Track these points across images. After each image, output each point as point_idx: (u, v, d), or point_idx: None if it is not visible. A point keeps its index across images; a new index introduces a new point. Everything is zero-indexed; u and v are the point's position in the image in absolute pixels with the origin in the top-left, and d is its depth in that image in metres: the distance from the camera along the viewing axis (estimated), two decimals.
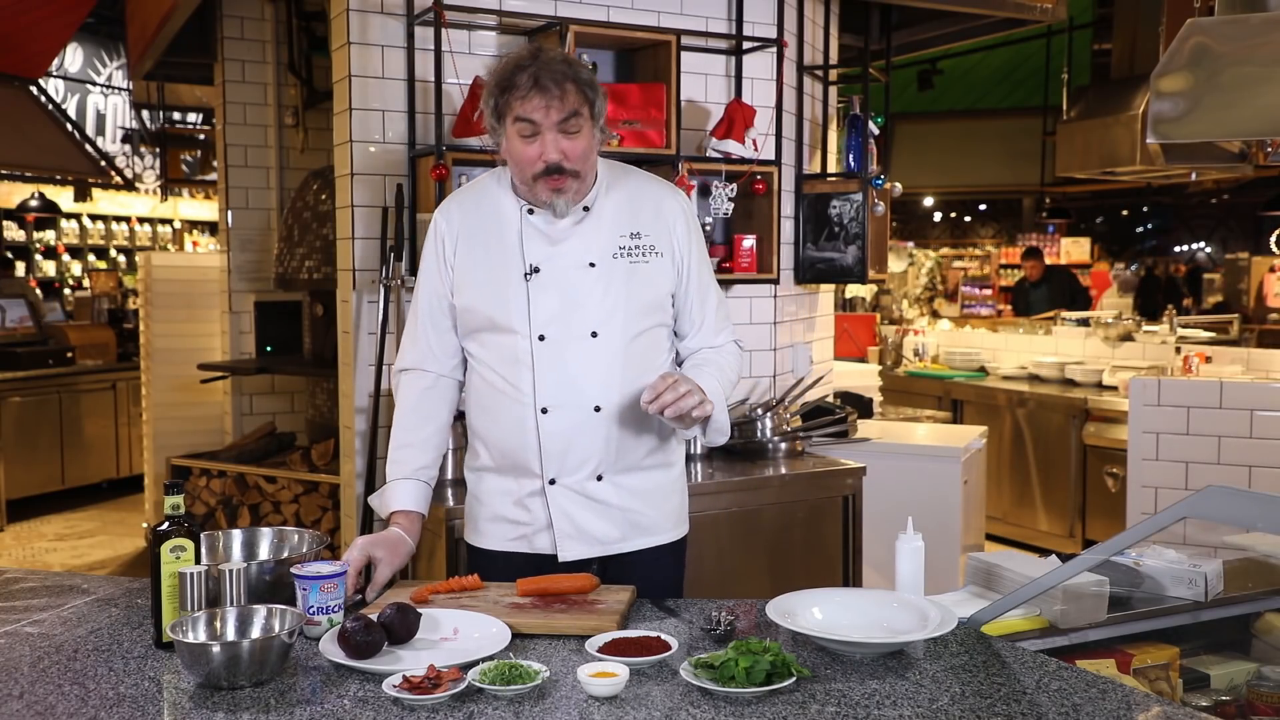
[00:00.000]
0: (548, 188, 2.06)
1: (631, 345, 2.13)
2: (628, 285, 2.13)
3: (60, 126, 9.43)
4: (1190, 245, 17.05)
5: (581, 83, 2.03)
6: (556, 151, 2.02)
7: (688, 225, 2.23)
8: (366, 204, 3.41)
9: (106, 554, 6.31)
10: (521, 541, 2.20)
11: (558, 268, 2.12)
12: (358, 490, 3.46)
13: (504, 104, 2.03)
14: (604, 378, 2.11)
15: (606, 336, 2.11)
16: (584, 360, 2.11)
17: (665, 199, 2.22)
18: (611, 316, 2.12)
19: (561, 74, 2.00)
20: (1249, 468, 4.14)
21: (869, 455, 3.75)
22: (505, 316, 2.12)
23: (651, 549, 2.21)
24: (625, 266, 2.13)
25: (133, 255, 11.10)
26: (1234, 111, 3.86)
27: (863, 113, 4.13)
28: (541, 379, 2.11)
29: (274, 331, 5.41)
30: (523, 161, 2.06)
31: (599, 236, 2.14)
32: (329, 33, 3.63)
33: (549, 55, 2.03)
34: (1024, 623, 1.99)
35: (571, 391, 2.11)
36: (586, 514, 2.15)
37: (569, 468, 2.14)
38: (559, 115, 2.00)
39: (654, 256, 2.16)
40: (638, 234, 2.16)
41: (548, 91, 1.98)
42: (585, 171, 2.09)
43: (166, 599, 1.77)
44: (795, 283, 4.14)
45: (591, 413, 2.11)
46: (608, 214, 2.15)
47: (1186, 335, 6.67)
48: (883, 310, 9.27)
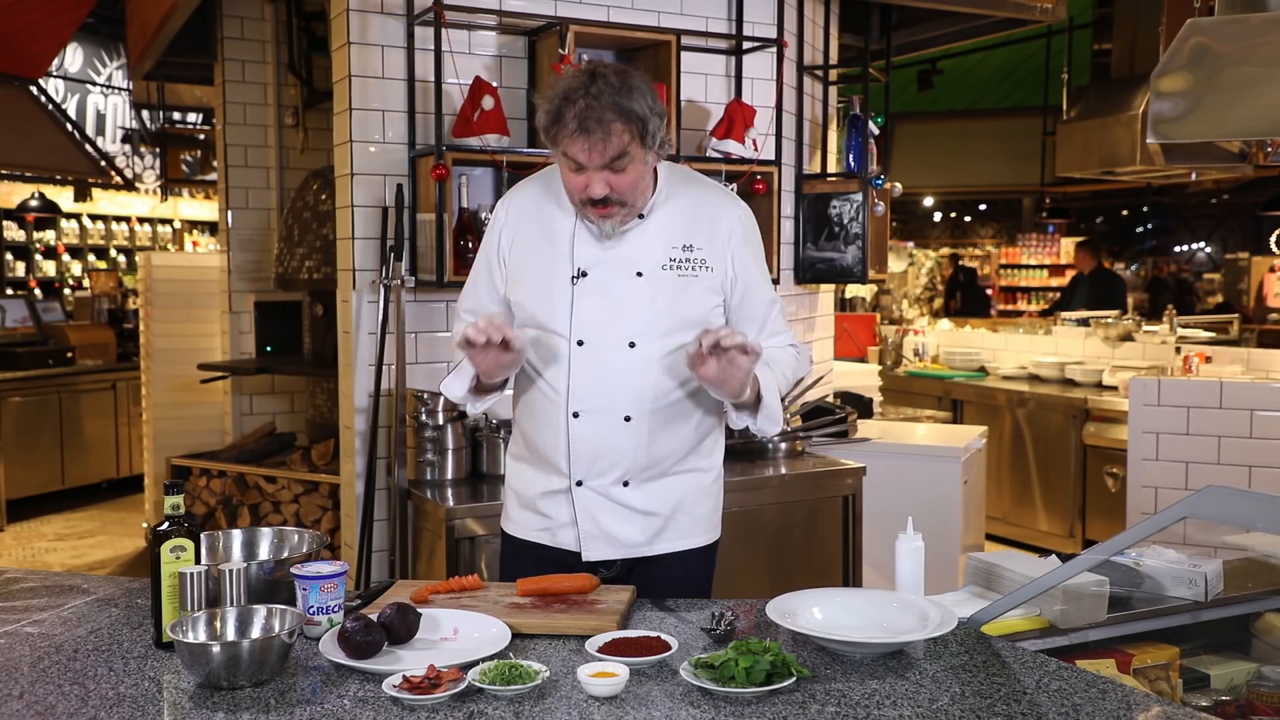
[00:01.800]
0: (594, 213, 2.06)
1: (668, 358, 2.12)
2: (672, 298, 2.11)
3: (60, 126, 9.43)
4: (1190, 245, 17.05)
5: (632, 118, 1.96)
6: (603, 187, 2.00)
7: (744, 237, 2.19)
8: (366, 204, 3.41)
9: (106, 554, 6.31)
10: (546, 534, 2.21)
11: (605, 274, 2.11)
12: (358, 490, 3.46)
13: (551, 136, 2.00)
14: (637, 388, 2.11)
15: (644, 347, 2.10)
16: (619, 369, 2.10)
17: (723, 211, 2.19)
18: (652, 328, 2.10)
19: (610, 111, 1.94)
20: (1249, 468, 4.14)
21: (869, 455, 3.76)
22: (549, 318, 2.13)
23: (679, 553, 2.20)
24: (673, 279, 2.11)
25: (133, 255, 11.09)
26: (1234, 111, 3.87)
27: (863, 113, 4.13)
28: (576, 383, 2.11)
29: (274, 331, 5.40)
30: (570, 189, 2.06)
31: (651, 246, 2.12)
32: (329, 33, 3.63)
33: (600, 86, 1.95)
34: (1024, 623, 1.99)
35: (603, 399, 2.11)
36: (611, 517, 2.15)
37: (596, 471, 2.14)
38: (602, 159, 1.97)
39: (704, 271, 2.14)
40: (690, 246, 2.13)
41: (591, 134, 1.94)
42: (634, 199, 2.07)
43: (166, 599, 1.77)
44: (795, 283, 4.14)
45: (622, 421, 2.11)
46: (663, 223, 2.13)
47: (1186, 335, 6.67)
48: (883, 310, 9.27)
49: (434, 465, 3.28)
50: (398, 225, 3.37)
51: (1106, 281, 8.86)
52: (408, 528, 3.31)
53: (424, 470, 3.29)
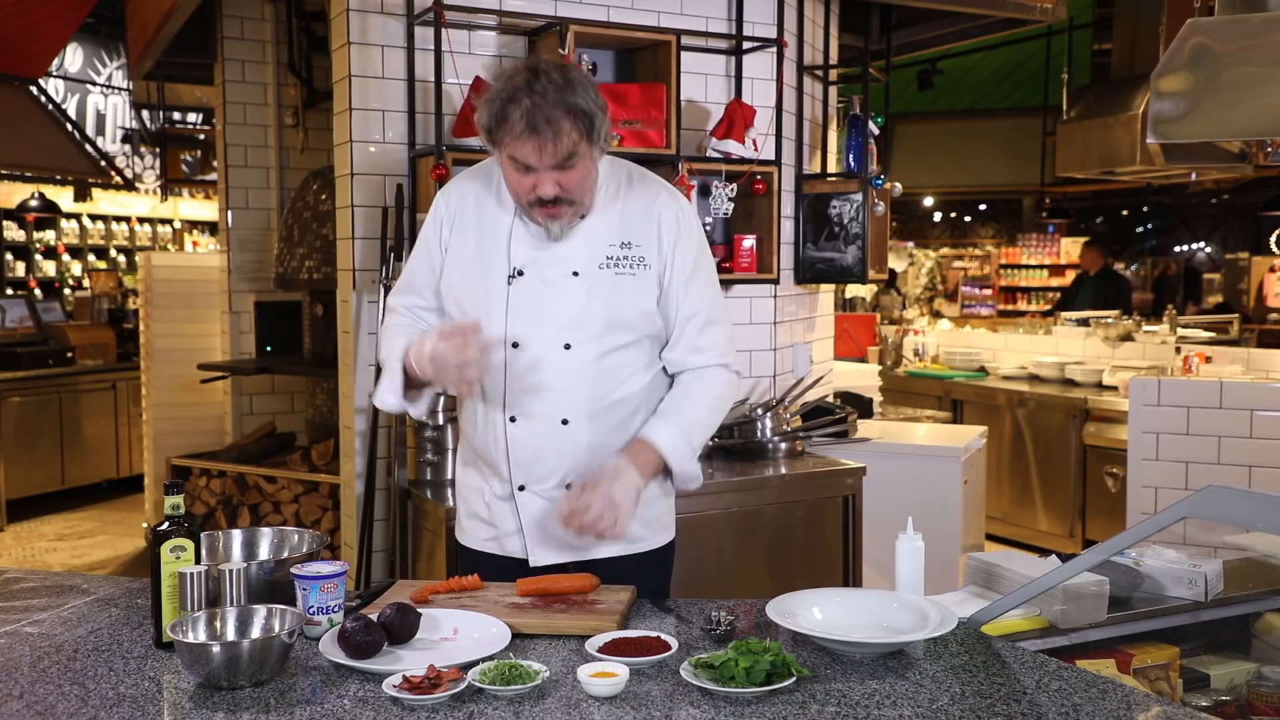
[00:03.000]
0: (543, 214, 2.01)
1: (605, 360, 2.07)
2: (609, 298, 2.06)
3: (60, 126, 9.42)
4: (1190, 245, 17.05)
5: (579, 114, 1.90)
6: (553, 187, 1.95)
7: (679, 232, 2.12)
8: (366, 204, 3.41)
9: (106, 554, 6.31)
10: (494, 543, 2.19)
11: (541, 273, 2.06)
12: (358, 490, 3.46)
13: (496, 138, 1.94)
14: (574, 391, 2.06)
15: (580, 349, 2.05)
16: (555, 371, 2.05)
17: (663, 206, 2.13)
18: (586, 329, 2.05)
19: (557, 110, 1.88)
20: (1249, 468, 4.14)
21: (869, 455, 3.75)
22: (484, 318, 2.07)
23: (631, 556, 2.16)
24: (610, 278, 2.06)
25: (133, 255, 11.09)
26: (1234, 111, 3.86)
27: (863, 113, 4.13)
28: (511, 387, 2.07)
29: (274, 331, 5.40)
30: (516, 190, 2.00)
31: (589, 244, 2.07)
32: (329, 33, 3.63)
33: (544, 83, 1.89)
34: (1024, 623, 1.99)
35: (539, 402, 2.06)
36: (554, 521, 2.09)
37: (537, 476, 2.10)
38: (554, 160, 1.92)
39: (641, 269, 2.08)
40: (629, 244, 2.08)
41: (541, 134, 1.88)
42: (583, 197, 2.03)
43: (166, 599, 1.77)
44: (795, 283, 4.14)
45: (559, 424, 2.07)
46: (602, 221, 2.09)
47: (1186, 335, 6.67)
48: (883, 310, 9.27)
49: (434, 465, 3.28)
50: (398, 225, 3.37)
51: (1112, 282, 8.79)
52: (408, 528, 3.31)
53: (424, 470, 3.29)
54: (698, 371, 2.16)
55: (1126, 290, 8.85)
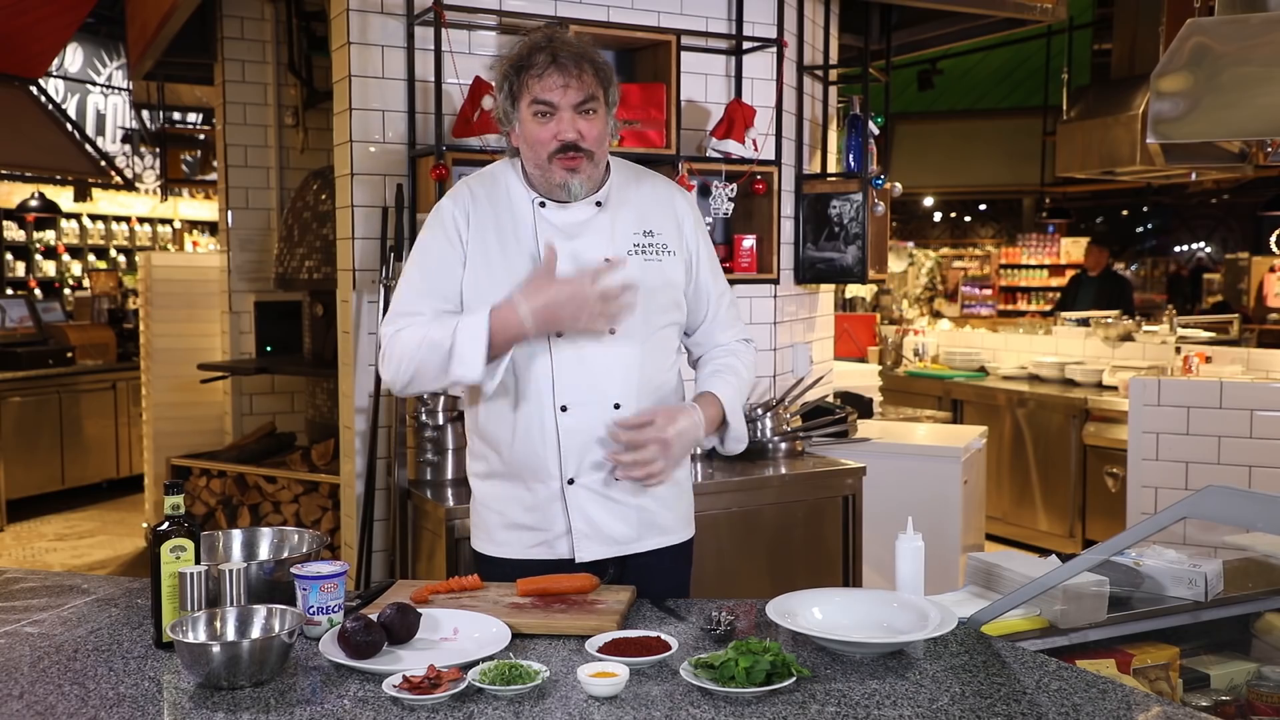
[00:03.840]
0: (562, 166, 2.03)
1: (649, 342, 2.12)
2: (644, 282, 2.09)
3: (60, 126, 9.42)
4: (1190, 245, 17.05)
5: (598, 65, 2.03)
6: (573, 130, 2.00)
7: (696, 223, 2.24)
8: (366, 204, 3.41)
9: (106, 554, 6.31)
10: (542, 548, 2.14)
11: (573, 264, 2.06)
12: (358, 490, 3.46)
13: (519, 85, 2.01)
14: (624, 374, 2.09)
15: (626, 333, 2.08)
16: (603, 357, 2.08)
17: (675, 198, 2.23)
18: (628, 312, 2.06)
19: (579, 55, 2.00)
20: (1249, 468, 4.14)
21: (869, 455, 3.76)
22: None
23: (663, 549, 2.19)
24: (640, 263, 2.12)
25: (133, 255, 11.09)
26: (1234, 111, 3.86)
27: (863, 113, 4.13)
28: (560, 376, 2.08)
29: (274, 331, 5.41)
30: (537, 142, 2.03)
31: (614, 232, 2.11)
32: (329, 33, 3.63)
33: (564, 37, 2.03)
34: (1024, 623, 1.99)
35: (591, 389, 2.08)
36: (604, 514, 2.12)
37: (587, 466, 2.10)
38: (577, 97, 1.99)
39: (667, 255, 2.16)
40: (651, 232, 2.15)
41: (566, 70, 1.98)
42: (599, 155, 2.08)
43: (166, 599, 1.77)
44: (795, 283, 4.14)
45: (611, 410, 2.08)
46: (620, 211, 2.14)
47: (1186, 335, 6.67)
48: (883, 310, 9.26)
49: (434, 465, 3.28)
50: (398, 225, 3.37)
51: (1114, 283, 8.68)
52: (408, 528, 3.31)
53: (424, 470, 3.29)
54: (731, 345, 2.28)
55: (1128, 291, 8.74)
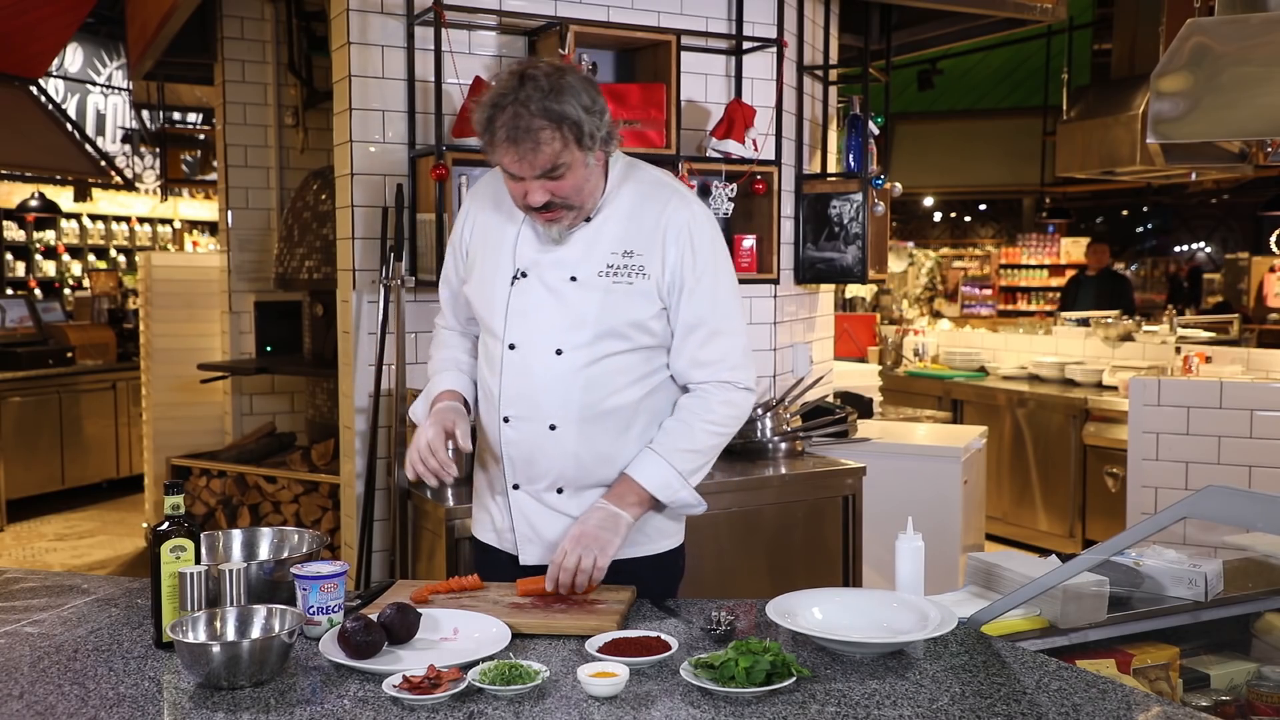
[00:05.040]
0: (539, 219, 2.02)
1: (595, 367, 2.05)
2: (603, 306, 2.03)
3: (60, 126, 9.42)
4: (1190, 245, 17.05)
5: (564, 121, 1.87)
6: (542, 195, 1.94)
7: (690, 243, 2.06)
8: (366, 204, 3.41)
9: (106, 554, 6.31)
10: (494, 536, 2.22)
11: (541, 277, 2.06)
12: (358, 490, 3.46)
13: (485, 145, 1.94)
14: (563, 396, 2.05)
15: (571, 355, 2.04)
16: (546, 376, 2.05)
17: (672, 213, 2.06)
18: (578, 335, 2.04)
19: (539, 119, 1.85)
20: (1249, 468, 4.14)
21: (869, 455, 3.75)
22: (489, 318, 2.11)
23: (628, 560, 2.12)
24: (606, 285, 2.03)
25: (133, 255, 11.09)
26: (1234, 111, 3.87)
27: (863, 113, 4.13)
28: (506, 388, 2.09)
29: (274, 331, 5.41)
30: (511, 194, 2.01)
31: (592, 250, 2.05)
32: (329, 33, 3.63)
33: (529, 91, 1.86)
34: (1024, 623, 1.99)
35: (530, 406, 2.07)
36: (547, 522, 2.11)
37: (529, 477, 2.12)
38: (534, 170, 1.90)
39: (639, 278, 2.04)
40: (630, 252, 2.05)
41: (520, 145, 1.87)
42: (581, 201, 2.00)
43: (166, 599, 1.77)
44: (795, 283, 4.14)
45: (547, 429, 2.07)
46: (607, 226, 2.06)
47: (1186, 335, 6.67)
48: (883, 310, 9.26)
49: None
50: (398, 225, 3.37)
51: (1114, 282, 8.66)
52: (408, 528, 3.31)
53: None
54: (700, 389, 2.11)
55: (1129, 290, 8.71)
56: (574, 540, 1.98)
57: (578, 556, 1.96)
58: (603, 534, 1.99)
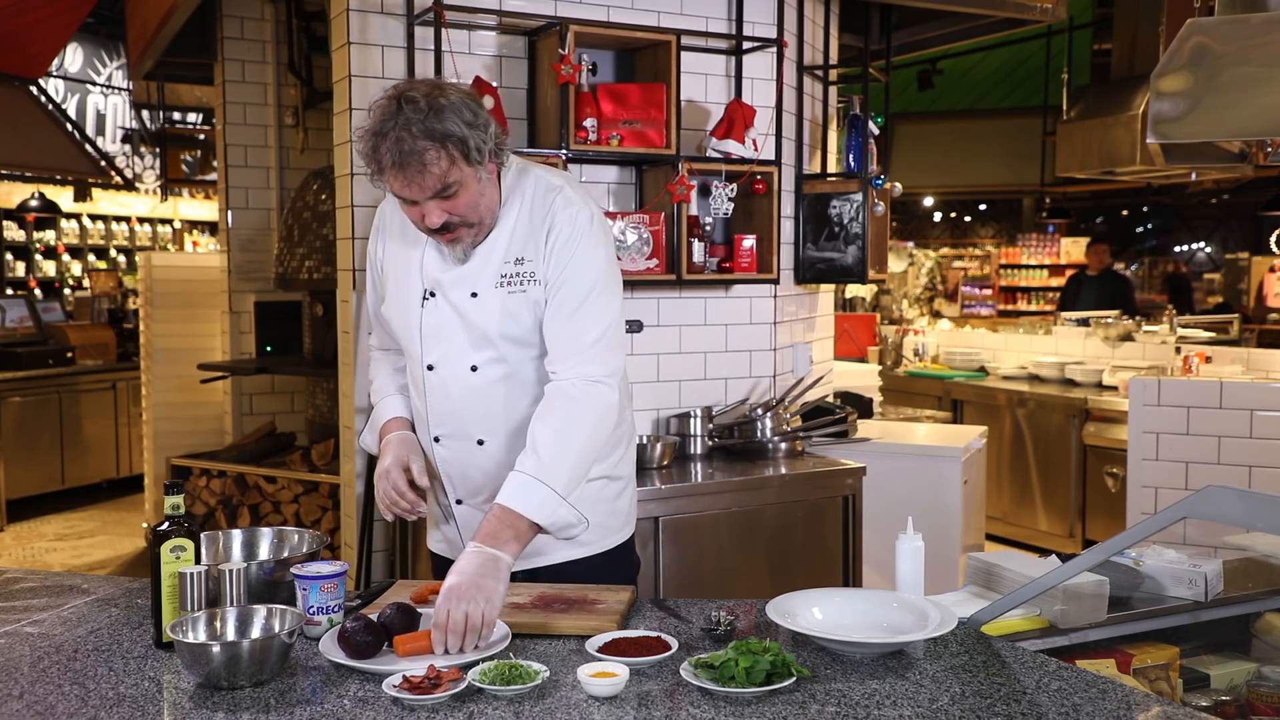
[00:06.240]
0: (442, 240, 2.00)
1: (513, 379, 2.05)
2: (503, 317, 2.02)
3: (60, 126, 9.43)
4: (1190, 245, 17.05)
5: (448, 139, 1.85)
6: (439, 215, 1.92)
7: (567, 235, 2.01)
8: (366, 204, 3.41)
9: (106, 554, 6.31)
10: (447, 548, 2.23)
11: (448, 295, 2.05)
12: (358, 490, 3.46)
13: (374, 175, 1.91)
14: (485, 410, 2.06)
15: (486, 370, 2.05)
16: (466, 394, 2.06)
17: (555, 212, 2.03)
18: (488, 350, 2.04)
19: (422, 140, 1.83)
20: (1249, 468, 4.14)
21: (869, 455, 3.75)
22: (407, 339, 2.11)
23: (579, 560, 2.13)
24: (502, 296, 2.02)
25: (133, 255, 11.10)
26: (1234, 111, 3.87)
27: (863, 113, 4.13)
28: (432, 408, 2.10)
29: (274, 331, 5.41)
30: (410, 219, 2.00)
31: (488, 263, 2.03)
32: (329, 33, 3.62)
33: (409, 113, 1.84)
34: (1024, 623, 1.99)
35: (456, 423, 2.09)
36: None
37: (469, 492, 2.14)
38: (424, 193, 1.88)
39: (531, 284, 2.02)
40: (521, 259, 2.03)
41: (407, 169, 1.84)
42: (481, 216, 1.98)
43: (166, 599, 1.77)
44: (795, 283, 4.14)
45: (476, 445, 2.08)
46: (501, 239, 2.03)
47: (1186, 335, 6.67)
48: (883, 310, 9.26)
49: None
50: None
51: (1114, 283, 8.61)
52: (408, 528, 3.30)
53: None
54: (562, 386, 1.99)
55: (1129, 290, 8.67)
56: (454, 595, 1.73)
57: (463, 614, 1.71)
58: (484, 581, 1.76)
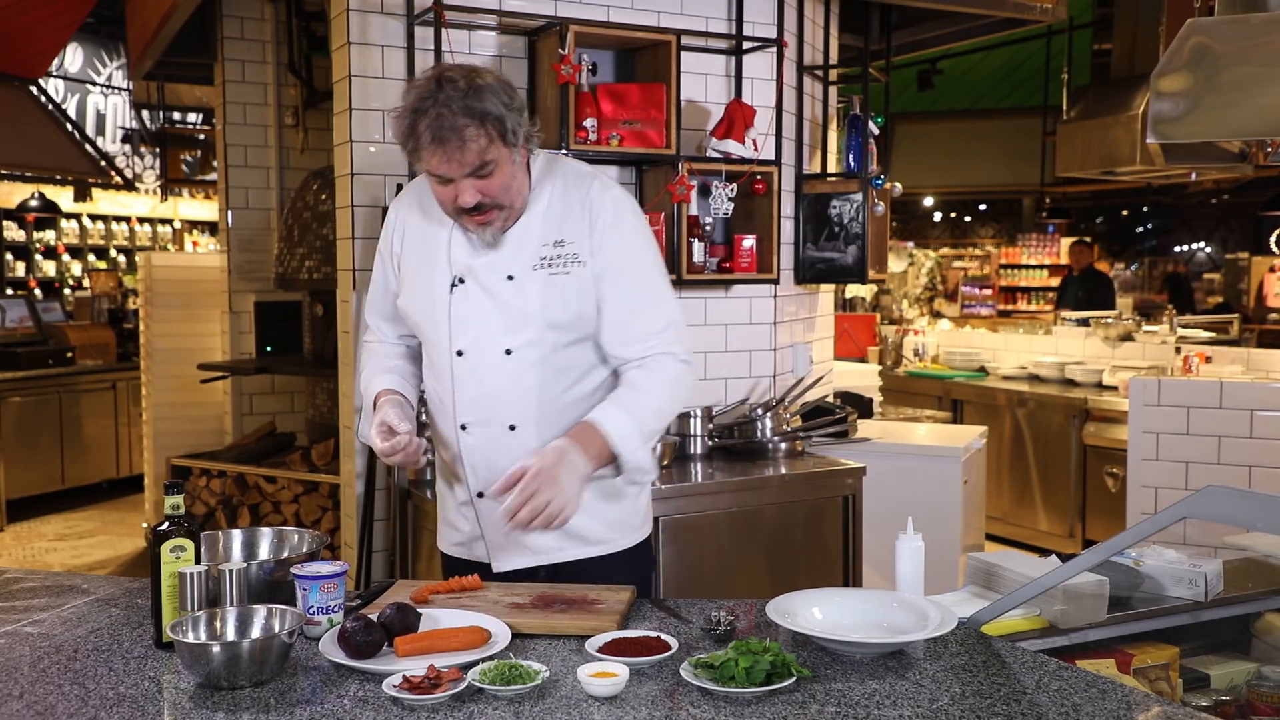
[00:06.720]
0: (472, 222, 2.01)
1: (548, 362, 2.05)
2: (544, 300, 2.03)
3: (60, 126, 9.43)
4: (1190, 245, 17.05)
5: (486, 118, 1.88)
6: (473, 195, 1.94)
7: (612, 223, 2.07)
8: (366, 204, 3.41)
9: (106, 554, 6.31)
10: (462, 549, 2.21)
11: (480, 280, 2.06)
12: (358, 490, 3.46)
13: (410, 152, 1.93)
14: (520, 396, 2.06)
15: (521, 354, 2.04)
16: (499, 378, 2.05)
17: (595, 197, 2.08)
18: (525, 333, 2.04)
19: (462, 117, 1.86)
20: (1249, 468, 4.14)
21: (869, 455, 3.75)
22: (431, 327, 2.10)
23: (603, 557, 2.14)
24: (544, 279, 2.03)
25: (133, 255, 11.10)
26: (1234, 111, 3.87)
27: (863, 113, 4.13)
28: (460, 395, 2.09)
29: (274, 331, 5.41)
30: (442, 202, 2.00)
31: (523, 246, 2.05)
32: (329, 33, 3.63)
33: (449, 92, 1.87)
34: (1024, 623, 1.99)
35: (487, 409, 2.07)
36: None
37: (492, 483, 2.08)
38: (463, 169, 1.91)
39: (575, 266, 2.04)
40: (561, 241, 2.05)
41: (447, 144, 1.87)
42: (511, 200, 2.00)
43: (166, 599, 1.77)
44: (795, 283, 4.14)
45: (507, 431, 2.07)
46: (535, 222, 2.06)
47: (1186, 335, 6.67)
48: (883, 310, 9.26)
49: (434, 465, 3.28)
50: None
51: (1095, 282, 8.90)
52: (408, 528, 3.31)
53: (424, 470, 3.28)
54: (642, 361, 2.09)
55: (1109, 289, 8.94)
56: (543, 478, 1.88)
57: (546, 500, 1.87)
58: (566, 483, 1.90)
